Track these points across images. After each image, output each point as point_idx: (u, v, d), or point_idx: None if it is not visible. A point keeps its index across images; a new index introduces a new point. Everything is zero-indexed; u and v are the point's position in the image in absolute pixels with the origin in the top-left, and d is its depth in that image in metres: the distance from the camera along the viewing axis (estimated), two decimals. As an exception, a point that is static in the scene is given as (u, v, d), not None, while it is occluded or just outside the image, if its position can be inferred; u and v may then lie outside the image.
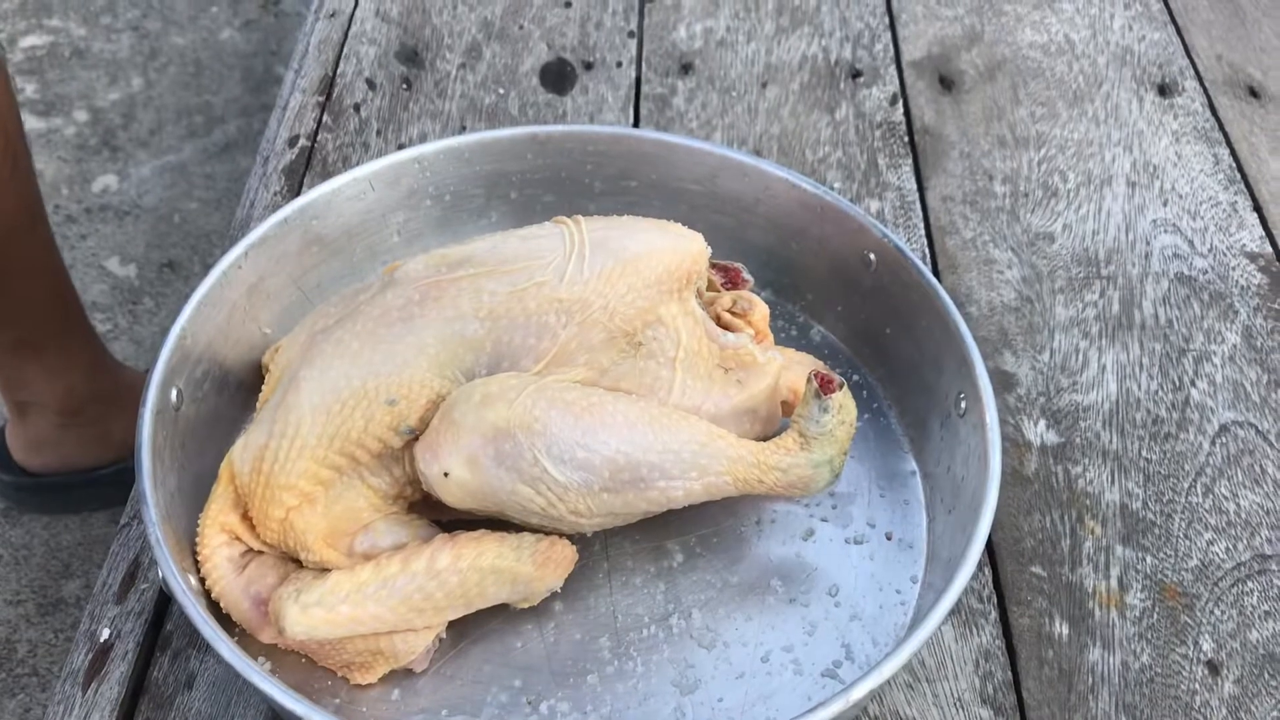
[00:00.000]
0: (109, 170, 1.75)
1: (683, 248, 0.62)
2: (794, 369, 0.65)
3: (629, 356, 0.60)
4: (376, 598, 0.55)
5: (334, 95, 0.94)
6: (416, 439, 0.57)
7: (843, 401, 0.59)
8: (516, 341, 0.59)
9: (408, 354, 0.58)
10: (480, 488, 0.56)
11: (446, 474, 0.55)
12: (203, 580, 0.58)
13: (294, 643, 0.57)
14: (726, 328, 0.63)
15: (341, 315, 0.61)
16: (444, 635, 0.59)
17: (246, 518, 0.58)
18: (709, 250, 0.63)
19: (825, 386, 0.58)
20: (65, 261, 1.12)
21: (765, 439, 0.61)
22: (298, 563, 0.58)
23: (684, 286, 0.61)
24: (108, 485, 1.28)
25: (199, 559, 0.58)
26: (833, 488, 0.67)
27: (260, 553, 0.59)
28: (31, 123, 1.77)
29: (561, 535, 0.60)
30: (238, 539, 0.58)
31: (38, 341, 1.12)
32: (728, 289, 0.66)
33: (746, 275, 0.67)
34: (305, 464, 0.57)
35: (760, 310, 0.65)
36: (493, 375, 0.58)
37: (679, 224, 0.63)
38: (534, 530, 0.59)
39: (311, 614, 0.54)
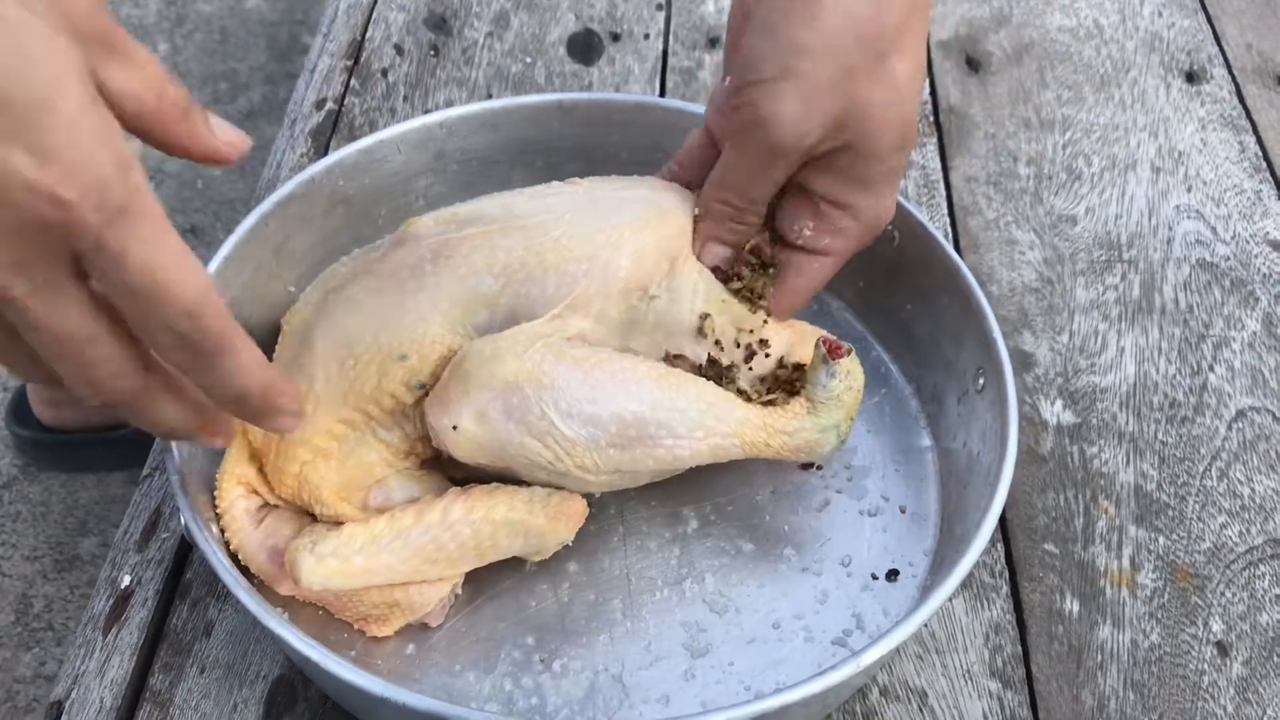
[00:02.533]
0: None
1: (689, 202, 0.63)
2: (807, 340, 0.65)
3: (641, 312, 0.60)
4: (390, 549, 0.56)
5: (362, 59, 0.94)
6: (428, 394, 0.58)
7: (849, 367, 0.59)
8: (534, 294, 0.58)
9: (421, 310, 0.58)
10: (489, 442, 0.56)
11: (456, 427, 0.56)
12: (223, 532, 0.58)
13: (311, 594, 0.58)
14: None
15: (353, 273, 0.61)
16: (459, 591, 0.59)
17: (263, 471, 0.59)
18: None
19: (833, 352, 0.58)
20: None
21: None
22: (314, 517, 0.59)
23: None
24: (125, 445, 1.29)
25: (218, 511, 0.58)
26: (848, 460, 0.68)
27: (277, 507, 0.59)
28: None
29: (614, 507, 0.61)
30: (255, 492, 0.59)
31: None
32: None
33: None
34: (318, 420, 0.57)
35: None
36: (505, 330, 0.58)
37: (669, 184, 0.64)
38: (541, 484, 0.59)
39: (326, 564, 0.55)
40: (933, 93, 0.94)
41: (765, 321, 0.62)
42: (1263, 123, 0.93)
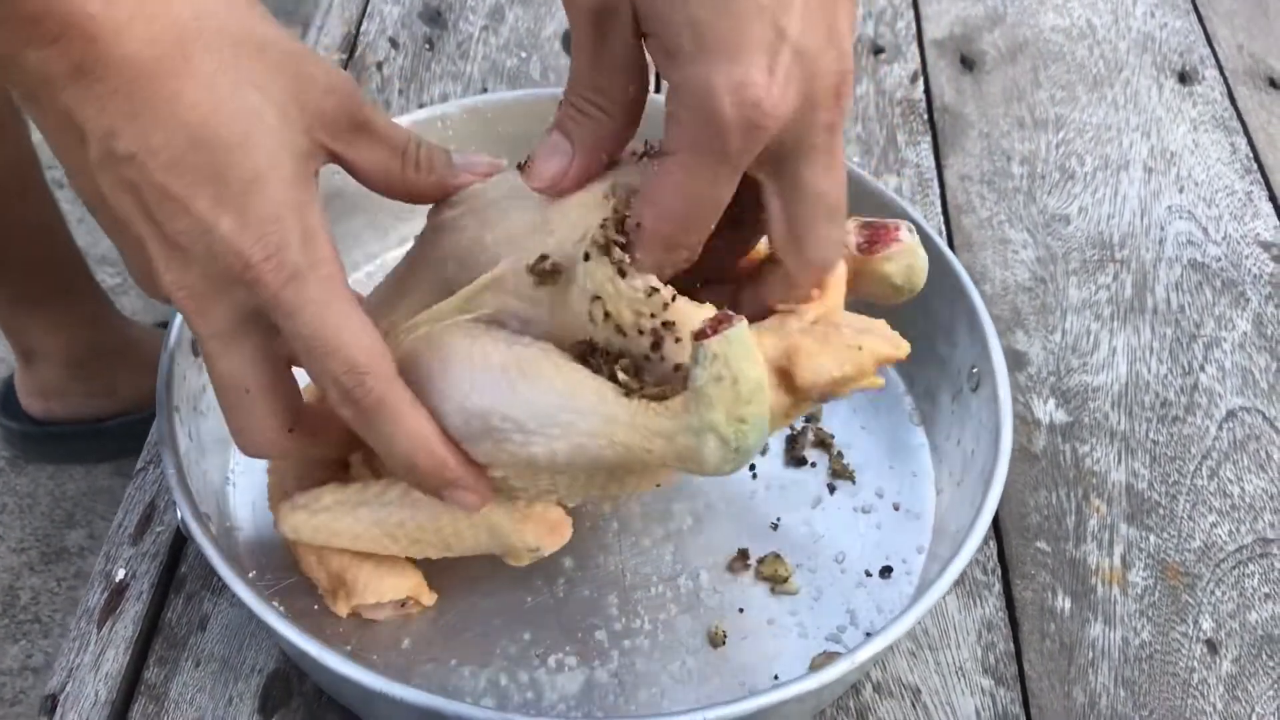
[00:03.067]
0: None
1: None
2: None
3: (538, 299, 0.52)
4: (355, 514, 0.56)
5: (356, 53, 0.94)
6: None
7: (717, 351, 0.44)
8: (477, 277, 0.53)
9: (401, 292, 0.57)
10: None
11: None
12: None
13: (292, 545, 0.59)
14: None
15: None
16: (422, 602, 0.59)
17: None
18: None
19: (702, 332, 0.44)
20: (75, 216, 1.12)
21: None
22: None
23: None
24: (113, 437, 1.29)
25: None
26: (842, 456, 0.68)
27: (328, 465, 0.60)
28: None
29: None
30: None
31: (36, 297, 1.13)
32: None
33: (907, 231, 0.61)
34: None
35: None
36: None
37: None
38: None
39: (296, 515, 0.56)
40: (927, 91, 0.94)
41: (666, 303, 0.48)
42: (1254, 124, 0.93)
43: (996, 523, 0.68)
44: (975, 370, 0.64)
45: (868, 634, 0.60)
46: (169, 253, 0.45)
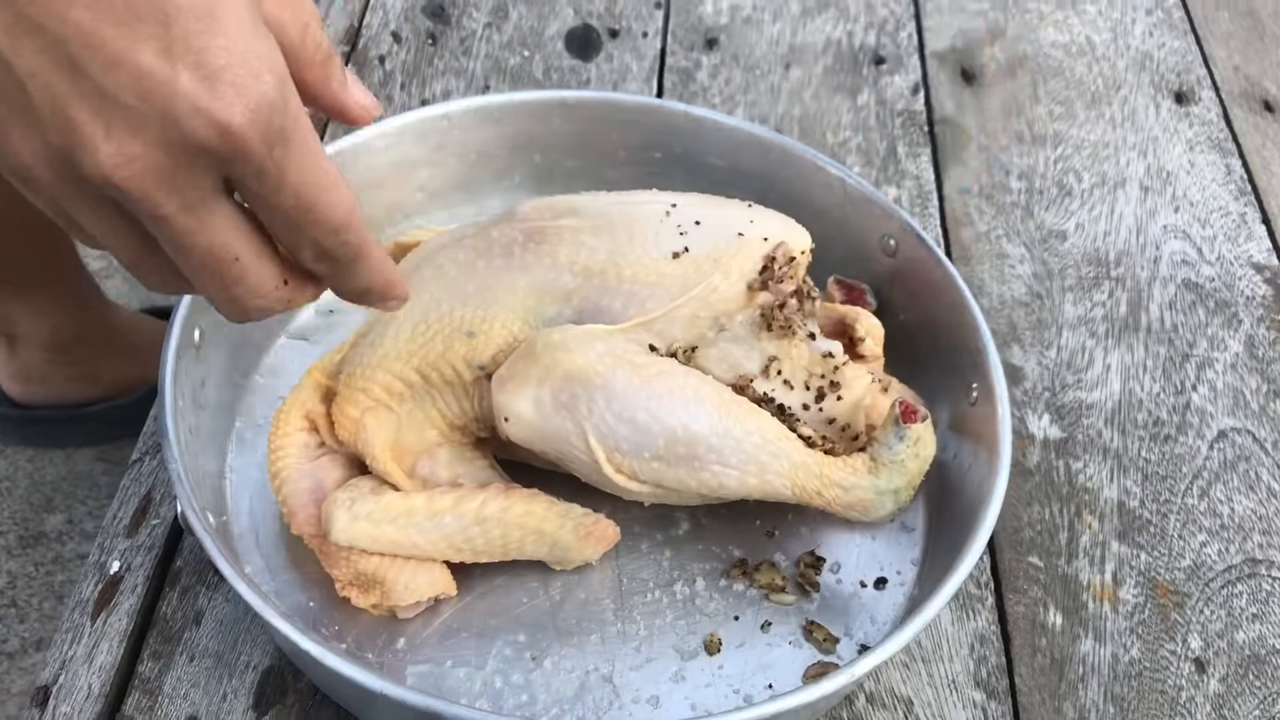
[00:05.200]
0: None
1: (796, 239, 0.62)
2: (885, 394, 0.63)
3: (709, 340, 0.60)
4: (421, 528, 0.56)
5: (359, 46, 0.93)
6: (487, 377, 0.58)
7: (921, 434, 0.58)
8: (603, 304, 0.59)
9: (498, 291, 0.59)
10: (541, 429, 0.57)
11: (513, 408, 0.57)
12: (271, 459, 0.60)
13: (316, 541, 0.58)
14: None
15: (450, 242, 0.63)
16: (443, 598, 0.59)
17: (330, 413, 0.60)
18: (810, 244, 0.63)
19: (907, 415, 0.57)
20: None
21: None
22: (366, 470, 0.59)
23: (786, 277, 0.61)
24: (95, 422, 1.27)
25: (273, 435, 0.60)
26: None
27: (334, 452, 0.60)
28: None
29: (597, 501, 0.60)
30: (316, 430, 0.60)
31: (20, 282, 1.11)
32: (845, 305, 0.66)
33: (871, 298, 0.68)
34: (383, 373, 0.59)
35: (876, 331, 0.65)
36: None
37: (779, 212, 0.64)
38: (591, 485, 0.60)
39: (358, 526, 0.56)
40: (927, 103, 0.95)
41: (838, 367, 0.60)
42: (1248, 146, 0.94)
43: (990, 537, 0.68)
44: (975, 387, 0.64)
45: (862, 645, 0.61)
46: (104, 118, 0.36)
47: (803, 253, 0.62)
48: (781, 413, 0.60)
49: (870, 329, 0.65)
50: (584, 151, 0.78)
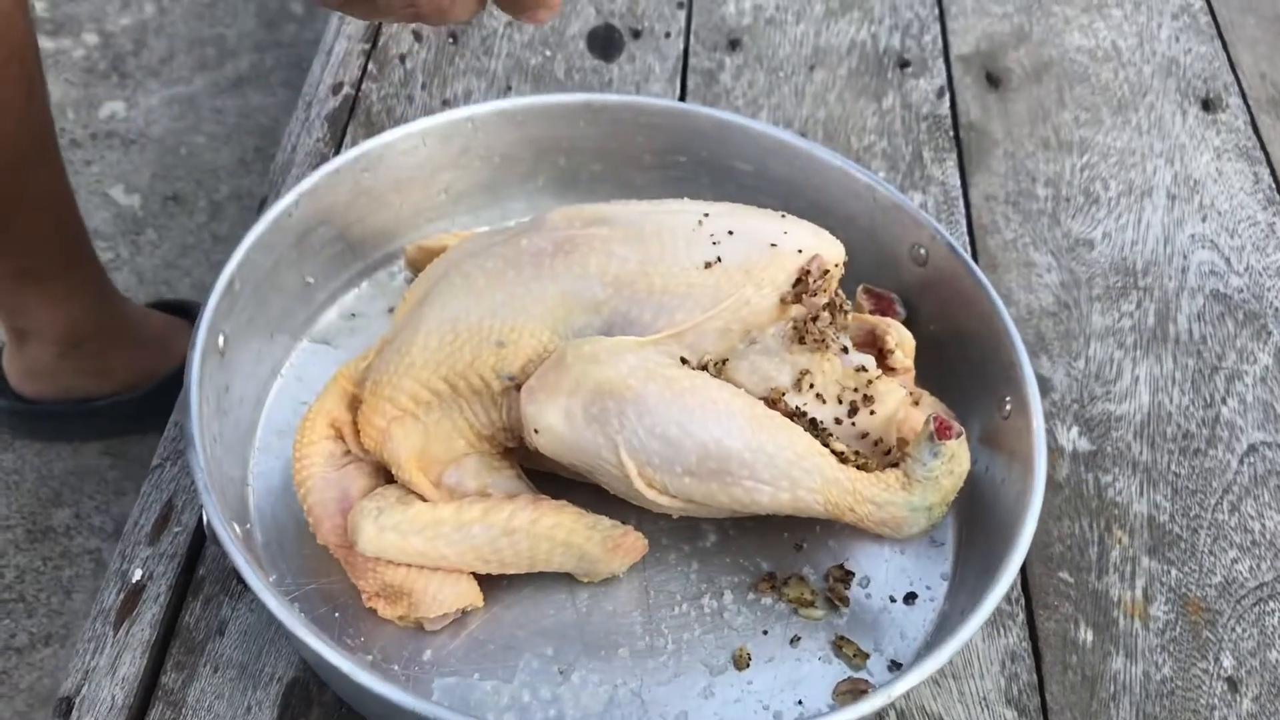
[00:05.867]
0: (117, 96, 1.72)
1: (830, 251, 0.61)
2: (918, 409, 0.62)
3: (739, 353, 0.59)
4: (449, 539, 0.56)
5: (379, 44, 0.92)
6: (516, 387, 0.58)
7: (955, 451, 0.57)
8: (633, 315, 0.59)
9: (527, 301, 0.59)
10: (571, 441, 0.56)
11: (543, 419, 0.56)
12: (296, 467, 0.59)
13: (342, 551, 0.58)
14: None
15: (480, 250, 0.62)
16: (470, 609, 0.59)
17: (355, 421, 0.60)
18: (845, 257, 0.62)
19: (942, 431, 0.56)
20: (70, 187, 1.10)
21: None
22: (390, 478, 0.59)
23: (820, 290, 0.60)
24: (102, 416, 1.27)
25: (298, 443, 0.59)
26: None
27: (359, 460, 0.60)
28: (39, 42, 1.74)
29: (623, 512, 0.60)
30: (341, 437, 0.60)
31: (41, 272, 1.11)
32: (874, 315, 0.65)
33: (900, 308, 0.67)
34: (410, 382, 0.58)
35: (907, 343, 0.64)
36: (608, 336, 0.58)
37: (811, 223, 0.63)
38: (619, 496, 0.59)
39: (385, 537, 0.55)
40: (953, 107, 0.94)
41: (871, 381, 0.59)
42: (1277, 154, 0.93)
43: (1020, 551, 0.67)
44: (1008, 401, 0.63)
45: (892, 661, 0.60)
46: None
47: (836, 265, 0.62)
48: (814, 427, 0.59)
49: (901, 340, 0.64)
50: (609, 155, 0.77)
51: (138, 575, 0.61)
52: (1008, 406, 0.63)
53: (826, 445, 0.58)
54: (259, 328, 0.66)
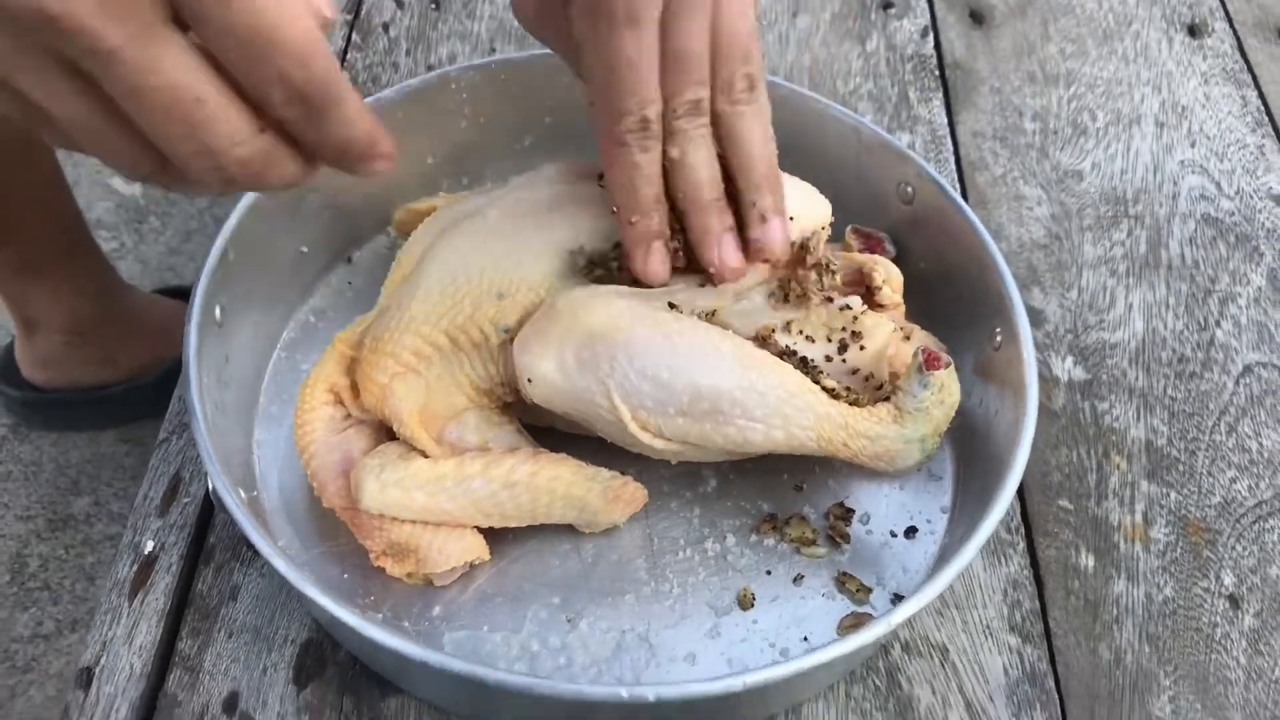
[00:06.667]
0: None
1: (816, 214, 0.63)
2: (909, 343, 0.63)
3: (729, 309, 0.60)
4: (451, 494, 0.57)
5: (362, 13, 0.93)
6: (511, 339, 0.58)
7: (944, 381, 0.57)
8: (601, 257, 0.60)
9: (526, 254, 0.59)
10: (564, 389, 0.57)
11: (536, 368, 0.57)
12: (298, 433, 0.60)
13: (348, 513, 0.58)
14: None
15: (481, 206, 0.63)
16: (478, 563, 0.59)
17: (354, 384, 0.60)
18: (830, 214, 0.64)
19: (930, 362, 0.57)
20: (70, 179, 1.11)
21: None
22: (392, 436, 0.59)
23: (807, 255, 0.61)
24: (116, 404, 1.28)
25: (299, 410, 0.60)
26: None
27: (361, 422, 0.60)
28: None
29: (623, 462, 0.61)
30: (341, 402, 0.60)
31: (41, 263, 1.12)
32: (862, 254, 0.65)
33: (889, 246, 0.67)
34: (412, 336, 0.59)
35: (895, 279, 0.64)
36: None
37: (798, 179, 0.64)
38: (618, 446, 0.60)
39: (388, 493, 0.56)
40: (937, 46, 0.94)
41: (857, 317, 0.60)
42: (1264, 77, 0.93)
43: (1019, 482, 0.68)
44: (999, 332, 0.64)
45: (895, 594, 0.61)
46: None
47: (823, 228, 0.62)
48: (805, 366, 0.59)
49: (889, 276, 0.64)
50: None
51: (149, 547, 0.62)
52: (998, 338, 0.63)
53: (817, 383, 0.58)
54: (256, 298, 0.66)
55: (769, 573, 0.61)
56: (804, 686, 0.58)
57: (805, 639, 0.59)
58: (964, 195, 0.83)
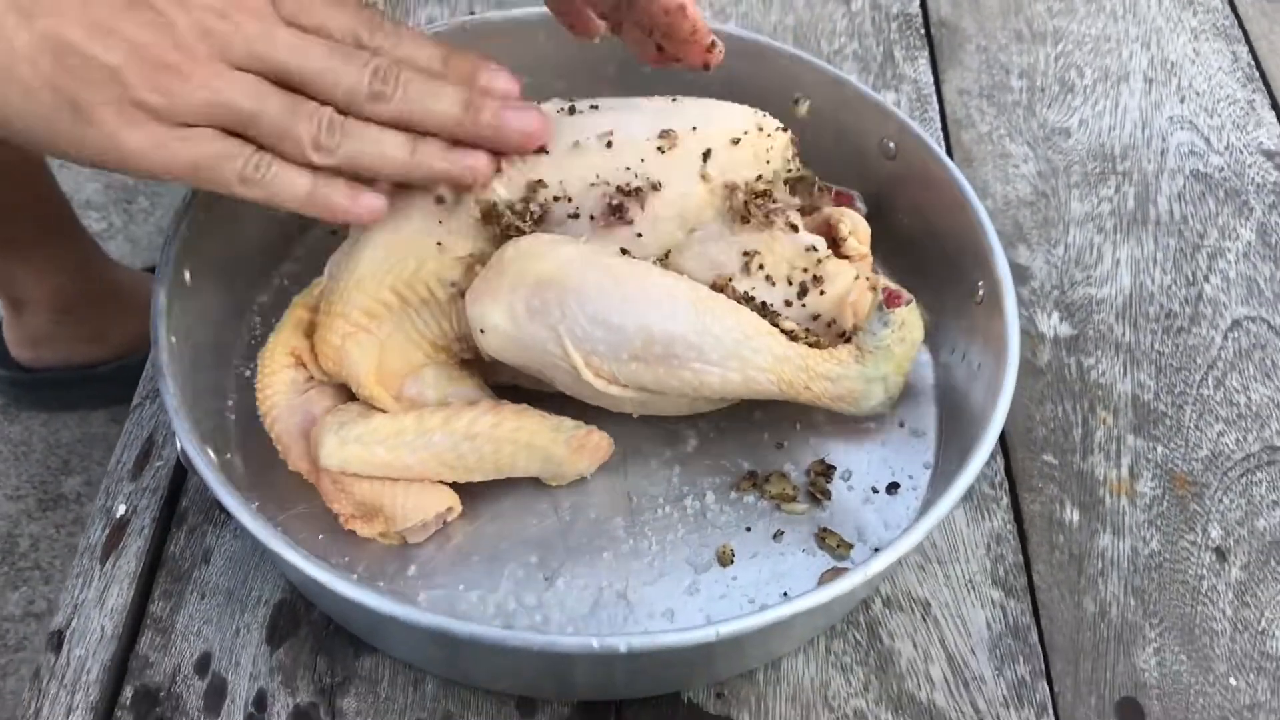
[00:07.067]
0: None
1: (771, 130, 0.61)
2: (873, 293, 0.61)
3: (684, 245, 0.59)
4: (412, 447, 0.56)
5: (339, -21, 0.91)
6: (461, 294, 0.57)
7: (905, 318, 0.57)
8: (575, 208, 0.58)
9: (467, 204, 0.58)
10: (517, 338, 0.56)
11: (487, 319, 0.56)
12: (258, 399, 0.59)
13: (315, 476, 0.58)
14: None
15: None
16: (450, 517, 0.59)
17: (313, 347, 0.60)
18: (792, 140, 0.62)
19: (890, 300, 0.56)
20: (56, 161, 1.10)
21: None
22: (353, 397, 0.59)
23: (765, 171, 0.60)
24: (105, 383, 1.27)
25: (260, 375, 0.59)
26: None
27: (322, 384, 0.60)
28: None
29: (598, 420, 0.60)
30: (303, 364, 0.60)
31: (22, 243, 1.11)
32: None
33: (860, 204, 0.66)
34: (360, 296, 0.58)
35: (861, 229, 0.63)
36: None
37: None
38: (579, 400, 0.59)
39: (348, 449, 0.55)
40: (923, 5, 0.92)
41: (820, 260, 0.59)
42: (1255, 32, 0.92)
43: (1003, 437, 0.67)
44: (981, 285, 0.63)
45: (876, 549, 0.60)
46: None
47: (771, 134, 0.61)
48: (764, 310, 0.59)
49: (855, 227, 0.62)
50: (573, 72, 0.76)
51: (121, 510, 0.61)
52: (980, 292, 0.63)
53: (775, 325, 0.58)
54: (227, 261, 0.66)
55: (749, 529, 0.61)
56: (782, 640, 0.57)
57: (784, 594, 0.58)
58: (949, 153, 0.82)
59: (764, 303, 0.58)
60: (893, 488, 0.62)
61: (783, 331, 0.57)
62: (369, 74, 0.52)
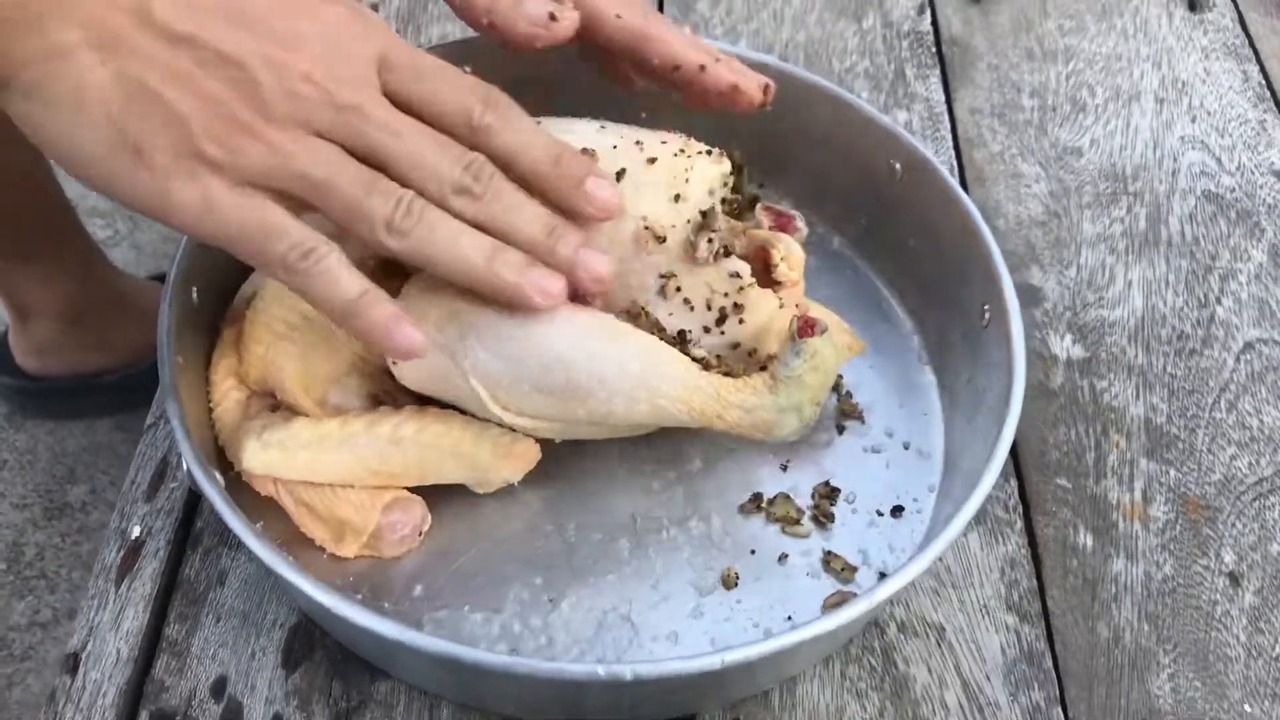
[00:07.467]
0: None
1: (693, 153, 0.59)
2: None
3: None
4: (335, 452, 0.55)
5: (350, -5, 0.92)
6: None
7: (818, 348, 0.55)
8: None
9: None
10: (427, 371, 0.55)
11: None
12: (216, 429, 0.59)
13: (279, 497, 0.58)
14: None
15: None
16: (424, 528, 0.59)
17: (240, 357, 0.60)
18: (728, 170, 0.60)
19: (804, 329, 0.55)
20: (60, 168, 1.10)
21: None
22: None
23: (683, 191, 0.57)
24: (111, 392, 1.28)
25: (211, 401, 0.59)
26: (851, 397, 0.66)
27: (274, 406, 0.59)
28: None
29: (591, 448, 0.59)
30: (242, 383, 0.60)
31: (27, 251, 1.11)
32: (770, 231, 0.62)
33: (801, 225, 0.64)
34: (278, 306, 0.58)
35: (795, 256, 0.60)
36: None
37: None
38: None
39: (269, 453, 0.55)
40: (934, 23, 0.92)
41: (743, 288, 0.57)
42: (1266, 51, 0.91)
43: (1016, 460, 0.67)
44: (987, 308, 0.62)
45: (881, 574, 0.60)
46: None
47: (682, 154, 0.58)
48: (680, 337, 0.57)
49: (789, 254, 0.60)
50: (580, 88, 0.76)
51: (136, 532, 0.61)
52: (986, 314, 0.62)
53: (688, 353, 0.56)
54: (236, 281, 0.65)
55: (753, 552, 0.60)
56: (789, 664, 0.57)
57: (789, 618, 0.58)
58: (961, 173, 0.82)
59: (681, 330, 0.57)
60: (897, 510, 0.62)
61: (695, 360, 0.56)
62: (461, 167, 0.49)
